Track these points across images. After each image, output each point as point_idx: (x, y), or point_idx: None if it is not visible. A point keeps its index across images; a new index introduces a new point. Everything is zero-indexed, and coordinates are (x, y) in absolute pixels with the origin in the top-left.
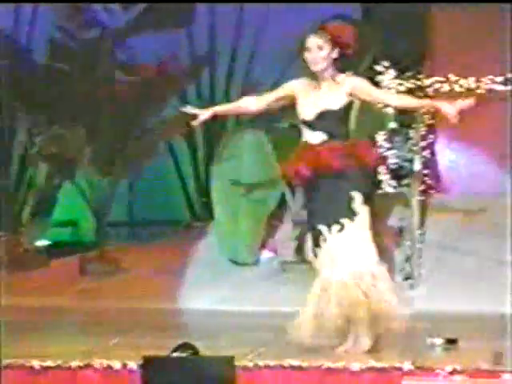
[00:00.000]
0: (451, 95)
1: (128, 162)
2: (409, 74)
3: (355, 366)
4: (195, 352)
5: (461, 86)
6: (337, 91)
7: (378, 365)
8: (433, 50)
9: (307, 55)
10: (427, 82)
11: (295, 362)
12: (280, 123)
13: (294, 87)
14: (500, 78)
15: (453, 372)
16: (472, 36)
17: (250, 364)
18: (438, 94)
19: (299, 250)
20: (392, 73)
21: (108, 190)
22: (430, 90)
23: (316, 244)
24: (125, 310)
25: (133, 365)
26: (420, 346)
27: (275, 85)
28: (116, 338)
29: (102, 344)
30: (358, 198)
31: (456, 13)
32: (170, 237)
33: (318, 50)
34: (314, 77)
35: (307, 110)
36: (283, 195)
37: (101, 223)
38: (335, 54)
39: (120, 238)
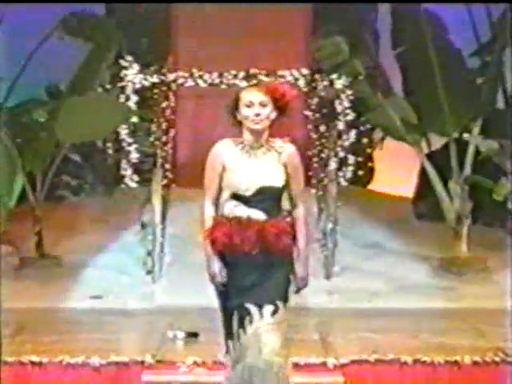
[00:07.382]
0: (197, 90)
1: None
2: (153, 68)
3: (95, 362)
4: None
5: (205, 81)
6: (276, 162)
7: (119, 359)
8: (176, 46)
9: (247, 112)
10: (171, 76)
11: (35, 358)
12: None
13: (223, 156)
14: (242, 73)
15: (193, 365)
16: (216, 33)
17: None
18: (183, 89)
19: (39, 245)
20: (136, 67)
21: None
22: (174, 85)
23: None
24: None
25: None
26: (161, 340)
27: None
28: None
29: None
30: None
31: (197, 11)
32: None
33: (262, 107)
34: (241, 141)
35: (243, 182)
36: (24, 189)
37: None
38: (273, 116)
39: None
